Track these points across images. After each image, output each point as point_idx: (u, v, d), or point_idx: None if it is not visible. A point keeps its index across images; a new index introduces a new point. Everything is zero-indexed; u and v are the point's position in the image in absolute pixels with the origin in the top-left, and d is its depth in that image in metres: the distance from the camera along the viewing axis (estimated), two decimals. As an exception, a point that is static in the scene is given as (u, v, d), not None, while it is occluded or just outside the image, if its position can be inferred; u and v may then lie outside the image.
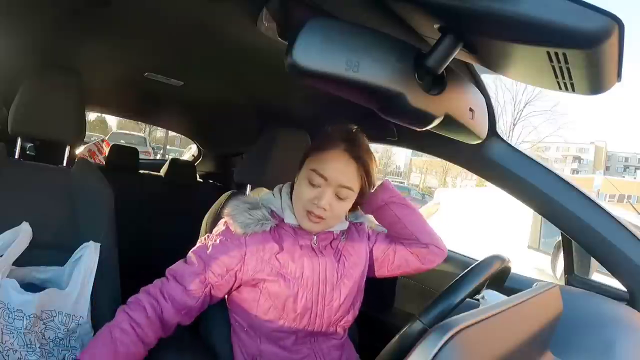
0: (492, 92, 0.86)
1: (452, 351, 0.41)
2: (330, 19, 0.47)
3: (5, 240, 0.93)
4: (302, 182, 0.84)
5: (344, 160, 0.82)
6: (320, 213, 0.82)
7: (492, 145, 0.89)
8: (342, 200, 0.83)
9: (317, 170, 0.81)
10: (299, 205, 0.85)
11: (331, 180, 0.81)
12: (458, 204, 3.91)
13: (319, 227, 0.86)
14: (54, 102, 1.08)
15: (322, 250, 0.89)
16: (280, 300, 0.84)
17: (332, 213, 0.83)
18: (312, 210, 0.82)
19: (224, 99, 1.65)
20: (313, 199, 0.82)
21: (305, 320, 0.86)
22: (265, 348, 0.86)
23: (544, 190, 0.86)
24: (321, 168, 0.81)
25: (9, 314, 0.86)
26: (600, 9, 0.39)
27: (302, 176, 0.85)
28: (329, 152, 0.82)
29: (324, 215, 0.83)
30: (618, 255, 0.81)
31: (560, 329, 0.72)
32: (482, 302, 0.75)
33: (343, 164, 0.82)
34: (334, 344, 0.92)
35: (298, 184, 0.86)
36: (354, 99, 0.51)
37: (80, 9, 0.94)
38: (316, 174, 0.81)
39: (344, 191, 0.82)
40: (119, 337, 0.75)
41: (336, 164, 0.81)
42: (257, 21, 0.78)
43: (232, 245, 0.84)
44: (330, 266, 0.88)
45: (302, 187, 0.84)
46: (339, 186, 0.82)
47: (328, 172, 0.81)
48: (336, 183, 0.81)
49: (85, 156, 3.71)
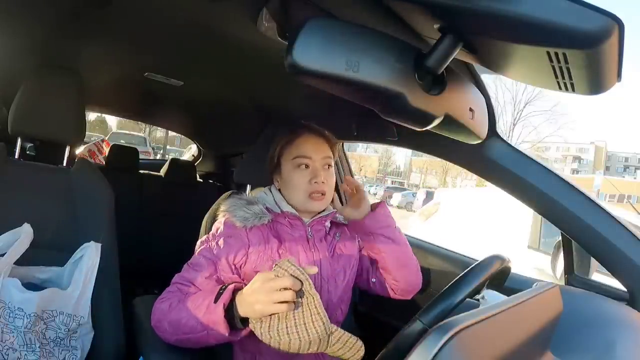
0: (492, 92, 0.86)
1: (452, 351, 0.41)
2: (330, 19, 0.47)
3: (7, 241, 0.93)
4: (292, 172, 0.91)
5: (314, 137, 0.93)
6: (321, 188, 0.90)
7: (492, 145, 0.89)
8: (329, 169, 0.93)
9: (300, 154, 0.91)
10: (299, 193, 0.91)
11: (315, 156, 0.91)
12: (458, 204, 3.92)
13: (323, 204, 0.92)
14: (54, 102, 1.08)
15: (316, 245, 0.93)
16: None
17: (328, 184, 0.92)
18: (314, 189, 0.90)
19: (224, 98, 1.65)
20: (310, 179, 0.90)
21: None
22: (265, 345, 0.86)
23: (544, 190, 0.86)
24: (302, 151, 0.91)
25: (9, 312, 0.86)
26: (600, 9, 0.39)
27: (288, 169, 0.92)
28: (300, 137, 0.92)
29: (324, 189, 0.90)
30: (618, 255, 0.81)
31: (560, 329, 0.72)
32: (482, 302, 0.75)
33: (314, 139, 0.93)
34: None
35: (288, 177, 0.92)
36: (354, 99, 0.51)
37: (81, 9, 0.94)
38: (301, 157, 0.91)
39: (328, 160, 0.93)
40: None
41: (312, 141, 0.92)
42: (257, 21, 0.78)
43: (235, 243, 0.87)
44: (325, 261, 0.92)
45: (295, 175, 0.91)
46: (323, 158, 0.92)
47: (309, 151, 0.91)
48: (320, 156, 0.91)
49: (85, 156, 3.70)
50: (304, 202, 0.91)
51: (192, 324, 0.74)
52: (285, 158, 0.93)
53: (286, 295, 0.68)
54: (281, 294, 0.68)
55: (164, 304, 0.80)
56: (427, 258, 1.27)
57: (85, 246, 1.00)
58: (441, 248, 1.31)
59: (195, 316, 0.74)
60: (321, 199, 0.90)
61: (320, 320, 0.70)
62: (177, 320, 0.77)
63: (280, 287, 0.68)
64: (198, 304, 0.75)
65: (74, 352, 0.93)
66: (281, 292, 0.68)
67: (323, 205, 0.93)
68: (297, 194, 0.91)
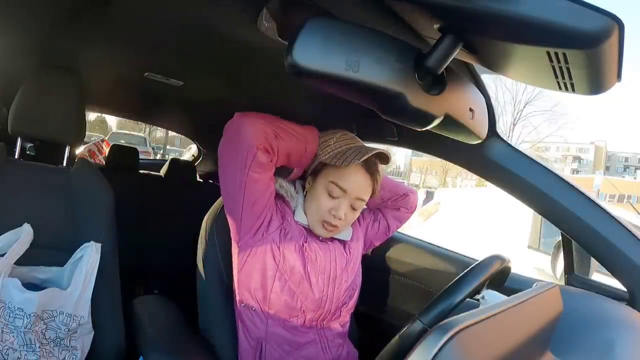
0: (492, 92, 0.86)
1: (452, 351, 0.41)
2: (330, 18, 0.47)
3: (7, 241, 0.93)
4: (321, 192, 0.89)
5: (362, 175, 0.88)
6: (336, 223, 0.89)
7: (492, 145, 0.89)
8: (355, 211, 0.91)
9: (337, 183, 0.87)
10: (315, 214, 0.90)
11: (350, 193, 0.88)
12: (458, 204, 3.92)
13: (330, 234, 0.92)
14: (54, 102, 1.08)
15: (325, 244, 0.94)
16: (296, 279, 0.87)
17: (345, 222, 0.90)
18: (329, 220, 0.89)
19: (224, 99, 1.64)
20: (331, 209, 0.88)
21: (316, 303, 0.88)
22: (273, 330, 0.88)
23: (544, 190, 0.86)
24: (341, 181, 0.87)
25: (9, 312, 0.86)
26: (600, 9, 0.39)
27: (320, 186, 0.89)
28: (350, 167, 0.86)
29: (338, 225, 0.89)
30: (618, 255, 0.81)
31: (560, 329, 0.72)
32: (482, 302, 0.75)
33: (361, 178, 0.88)
34: (338, 332, 0.94)
35: (315, 193, 0.90)
36: (354, 99, 0.51)
37: (80, 8, 0.94)
38: (336, 187, 0.87)
39: (359, 203, 0.90)
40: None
41: (356, 179, 0.87)
42: (257, 21, 0.78)
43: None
44: (339, 252, 0.94)
45: (320, 197, 0.89)
46: (356, 198, 0.89)
47: (348, 185, 0.87)
48: (354, 195, 0.88)
49: (85, 156, 3.71)
50: (315, 224, 0.91)
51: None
52: (325, 172, 0.90)
53: None
54: None
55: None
56: (427, 258, 1.27)
57: (85, 246, 1.00)
58: (441, 248, 1.31)
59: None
60: (331, 230, 0.91)
61: None
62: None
63: None
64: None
65: (74, 352, 0.93)
66: None
67: (329, 235, 0.93)
68: (313, 213, 0.91)
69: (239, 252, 0.89)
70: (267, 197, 0.87)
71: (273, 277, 0.86)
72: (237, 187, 0.83)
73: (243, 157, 0.80)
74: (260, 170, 0.82)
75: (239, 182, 0.83)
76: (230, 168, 0.83)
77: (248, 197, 0.84)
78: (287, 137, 0.83)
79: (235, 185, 0.83)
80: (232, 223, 0.89)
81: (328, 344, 0.91)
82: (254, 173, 0.82)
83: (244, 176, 0.82)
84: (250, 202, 0.85)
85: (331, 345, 0.92)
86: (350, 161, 0.82)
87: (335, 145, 0.88)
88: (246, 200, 0.84)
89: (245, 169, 0.81)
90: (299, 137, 0.85)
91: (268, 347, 0.87)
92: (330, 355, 0.91)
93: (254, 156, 0.80)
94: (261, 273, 0.87)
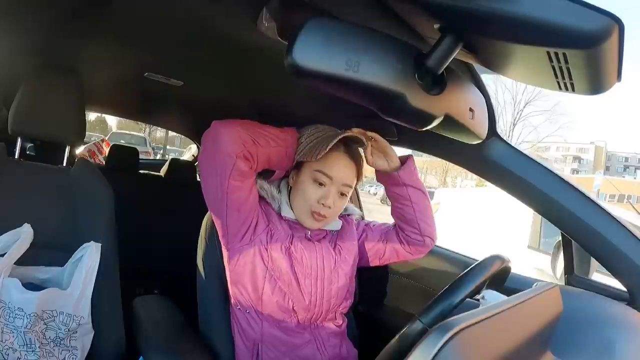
0: (492, 92, 0.86)
1: (452, 351, 0.41)
2: (330, 19, 0.47)
3: (7, 241, 0.93)
4: (307, 182, 0.89)
5: (345, 161, 0.89)
6: (325, 212, 0.88)
7: (492, 145, 0.89)
8: (343, 197, 0.91)
9: (322, 170, 0.88)
10: (303, 205, 0.89)
11: (336, 179, 0.88)
12: (458, 204, 3.92)
13: (319, 225, 0.92)
14: (54, 102, 1.08)
15: (317, 242, 0.93)
16: (285, 279, 0.87)
17: (334, 210, 0.90)
18: (318, 210, 0.88)
19: (224, 99, 1.64)
20: (320, 198, 0.88)
21: (305, 303, 0.88)
22: (268, 331, 0.88)
23: (544, 190, 0.86)
24: (326, 168, 0.88)
25: (9, 312, 0.86)
26: (600, 9, 0.39)
27: (305, 177, 0.89)
28: (332, 154, 0.87)
29: (328, 214, 0.89)
30: (618, 255, 0.81)
31: (560, 329, 0.72)
32: (482, 302, 0.75)
33: (344, 164, 0.89)
34: (333, 331, 0.94)
35: (301, 185, 0.90)
36: (354, 99, 0.51)
37: (80, 8, 0.94)
38: (322, 174, 0.88)
39: (346, 189, 0.90)
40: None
41: (338, 166, 0.88)
42: (257, 21, 0.78)
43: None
44: (327, 252, 0.92)
45: (307, 188, 0.89)
46: (343, 184, 0.89)
47: (334, 172, 0.88)
48: (340, 182, 0.89)
49: (85, 156, 3.70)
50: (304, 215, 0.90)
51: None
52: (308, 164, 0.89)
53: None
54: None
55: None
56: (427, 258, 1.27)
57: (85, 246, 1.00)
58: (441, 248, 1.31)
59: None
60: (320, 220, 0.90)
61: None
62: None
63: None
64: None
65: (74, 352, 0.93)
66: None
67: (319, 226, 0.92)
68: (301, 204, 0.90)
69: (229, 256, 0.90)
70: (250, 202, 0.87)
71: (263, 279, 0.86)
72: (220, 196, 0.83)
73: (222, 166, 0.80)
74: (241, 178, 0.82)
75: (221, 192, 0.82)
76: (211, 178, 0.83)
77: (231, 205, 0.84)
78: (265, 143, 0.82)
79: (217, 194, 0.83)
80: (219, 230, 0.89)
81: (324, 344, 0.91)
82: (235, 181, 0.81)
83: (225, 185, 0.81)
84: (235, 209, 0.85)
85: (327, 346, 0.91)
86: (319, 153, 0.82)
87: (307, 142, 0.88)
88: (230, 208, 0.84)
89: (225, 178, 0.81)
90: (278, 141, 0.85)
91: (264, 348, 0.87)
92: (327, 355, 0.91)
93: (233, 165, 0.79)
94: (252, 275, 0.87)
